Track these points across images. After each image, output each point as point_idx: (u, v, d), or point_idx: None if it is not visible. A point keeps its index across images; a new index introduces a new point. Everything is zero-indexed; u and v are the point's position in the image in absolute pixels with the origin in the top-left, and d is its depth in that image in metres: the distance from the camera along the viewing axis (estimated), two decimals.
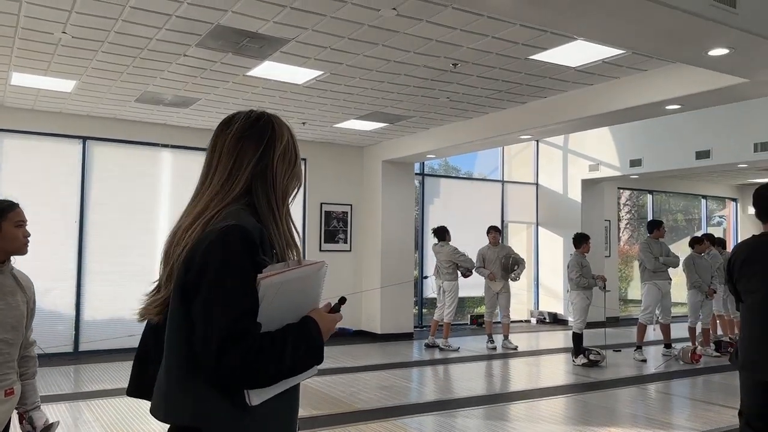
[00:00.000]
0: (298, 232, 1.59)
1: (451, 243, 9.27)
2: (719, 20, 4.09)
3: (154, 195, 9.11)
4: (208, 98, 7.55)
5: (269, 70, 6.34)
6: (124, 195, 8.86)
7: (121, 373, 7.24)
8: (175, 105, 7.90)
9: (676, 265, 8.85)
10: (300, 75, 6.51)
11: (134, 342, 7.65)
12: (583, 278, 8.20)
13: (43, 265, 7.88)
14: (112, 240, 8.73)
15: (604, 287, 8.40)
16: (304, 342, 1.39)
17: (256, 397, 1.39)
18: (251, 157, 1.54)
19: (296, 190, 1.63)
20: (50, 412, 3.77)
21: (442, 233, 9.34)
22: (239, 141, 1.55)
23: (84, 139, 8.67)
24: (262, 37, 5.40)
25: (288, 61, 6.08)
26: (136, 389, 1.62)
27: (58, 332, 8.34)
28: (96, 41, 5.56)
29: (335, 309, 1.55)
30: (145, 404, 1.54)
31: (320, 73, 6.45)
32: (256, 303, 1.35)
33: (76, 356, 8.28)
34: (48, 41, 5.57)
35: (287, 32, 5.29)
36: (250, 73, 6.46)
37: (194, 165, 9.38)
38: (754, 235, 3.39)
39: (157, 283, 1.57)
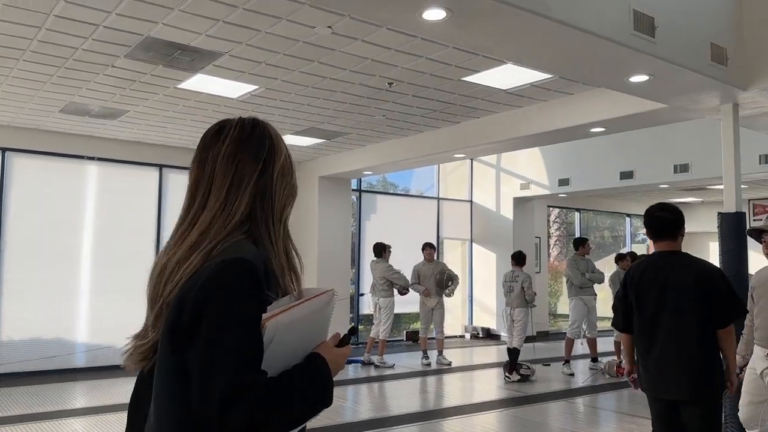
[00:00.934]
0: (298, 255, 1.39)
1: (388, 260, 9.31)
2: (639, 49, 4.30)
3: (78, 210, 8.74)
4: (137, 110, 7.34)
5: (202, 83, 6.23)
6: (47, 209, 8.47)
7: (40, 397, 6.86)
8: (102, 116, 7.64)
9: (601, 281, 9.17)
10: (234, 89, 6.42)
11: (55, 363, 7.27)
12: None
13: None
14: (33, 257, 8.30)
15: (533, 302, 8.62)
16: (313, 385, 1.22)
17: None
18: (251, 174, 1.33)
19: (292, 207, 1.44)
20: None
21: (379, 250, 9.37)
22: (235, 154, 1.33)
23: (3, 150, 8.25)
24: (194, 50, 5.30)
25: (221, 75, 5.99)
26: None
27: None
28: (18, 49, 5.33)
29: (345, 341, 1.35)
30: (62, 427, 1.43)
31: (255, 87, 6.38)
32: (261, 350, 1.16)
33: None
34: None
35: (220, 46, 5.22)
36: (182, 85, 6.32)
37: (122, 178, 9.10)
38: (648, 255, 3.51)
39: (143, 326, 1.33)
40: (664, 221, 3.36)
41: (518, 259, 8.60)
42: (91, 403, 6.78)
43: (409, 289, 9.30)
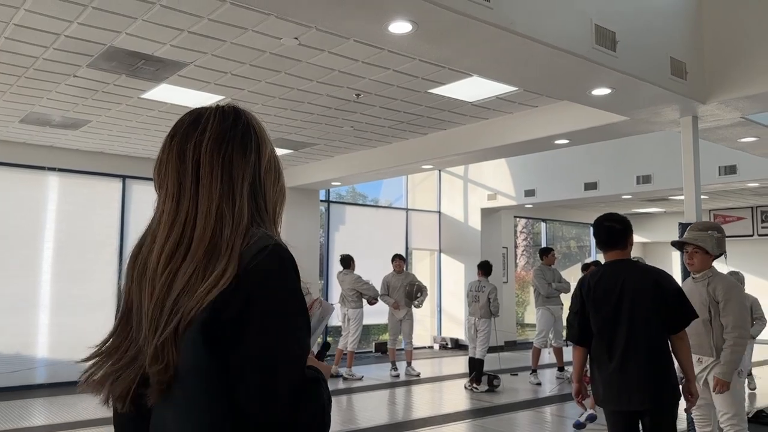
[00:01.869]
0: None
1: (355, 271, 9.28)
2: (601, 62, 4.39)
3: (38, 221, 8.52)
4: (99, 120, 7.20)
5: (166, 93, 6.15)
6: (6, 221, 8.23)
7: None
8: (63, 126, 7.48)
9: (567, 291, 9.27)
10: (199, 99, 6.35)
11: (15, 379, 7.03)
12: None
13: None
14: None
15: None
16: (329, 399, 1.13)
17: None
18: (243, 170, 1.15)
19: (283, 207, 1.25)
20: None
21: (347, 261, 9.35)
22: (221, 147, 1.14)
23: None
24: (158, 60, 5.23)
25: (186, 85, 5.93)
26: None
27: None
28: None
29: (320, 357, 1.29)
30: None
31: (221, 98, 6.33)
32: (309, 342, 1.09)
33: None
34: None
35: (185, 56, 5.16)
36: (145, 95, 6.24)
37: (84, 190, 8.91)
38: (600, 265, 3.57)
39: (125, 348, 1.12)
40: (613, 231, 3.41)
41: (485, 269, 8.66)
42: (52, 420, 6.59)
43: (378, 299, 9.28)
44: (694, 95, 5.20)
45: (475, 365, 8.39)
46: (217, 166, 1.13)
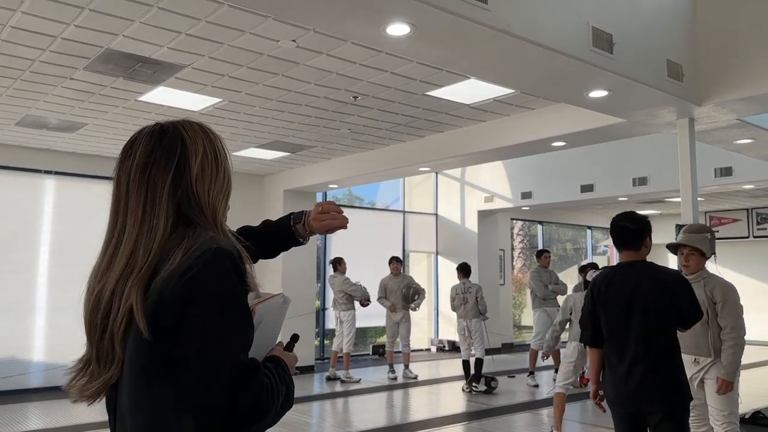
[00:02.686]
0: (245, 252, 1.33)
1: (345, 273, 9.27)
2: (598, 64, 4.40)
3: (34, 224, 8.49)
4: (96, 123, 7.19)
5: (163, 95, 6.14)
6: (1, 224, 8.20)
7: None
8: (60, 129, 7.46)
9: (564, 293, 9.28)
10: (196, 102, 6.35)
11: (10, 384, 7.00)
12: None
13: None
14: None
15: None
16: (285, 385, 1.26)
17: None
18: (163, 185, 1.27)
19: (226, 203, 1.37)
20: None
21: (335, 264, 9.39)
22: (144, 171, 1.28)
23: None
24: (155, 63, 5.23)
25: (183, 88, 5.92)
26: None
27: None
28: None
29: (289, 348, 1.41)
30: None
31: (218, 100, 6.33)
32: (252, 335, 1.21)
33: None
34: None
35: (183, 58, 5.16)
36: (143, 98, 6.23)
37: (80, 192, 8.88)
38: (612, 265, 3.56)
39: (84, 360, 1.29)
40: (626, 231, 3.36)
41: (466, 270, 8.74)
42: (48, 425, 6.56)
43: (370, 300, 9.28)
44: (690, 97, 5.22)
45: (476, 365, 8.40)
46: (141, 190, 1.27)
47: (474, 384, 8.28)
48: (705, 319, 3.83)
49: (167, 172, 1.29)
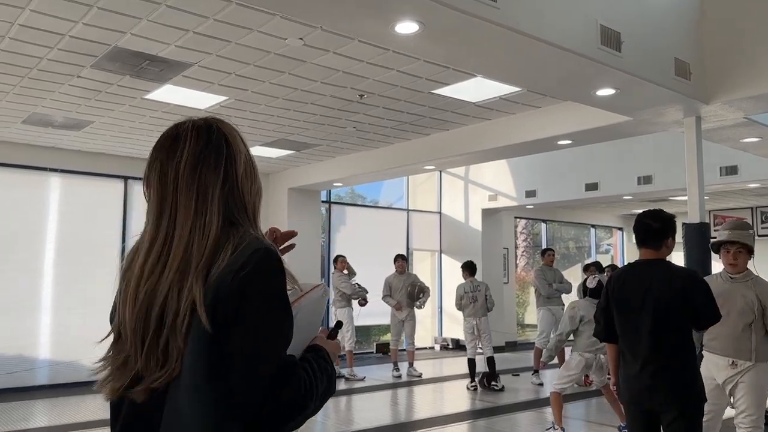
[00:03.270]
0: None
1: (342, 270, 9.26)
2: (606, 63, 4.40)
3: (40, 222, 8.51)
4: (102, 121, 7.20)
5: (170, 94, 6.15)
6: (8, 222, 8.22)
7: (1, 416, 6.64)
8: (66, 127, 7.48)
9: (568, 291, 9.28)
10: (203, 100, 6.36)
11: (17, 381, 7.00)
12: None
13: None
14: None
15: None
16: (325, 374, 1.30)
17: None
18: (215, 184, 1.28)
19: (260, 203, 1.40)
20: None
21: (334, 261, 9.42)
22: (195, 169, 1.28)
23: None
24: (162, 61, 5.24)
25: (190, 86, 5.93)
26: None
27: None
28: None
29: (332, 335, 1.45)
30: None
31: (224, 98, 6.33)
32: (292, 332, 1.24)
33: None
34: None
35: (190, 56, 5.17)
36: (149, 96, 6.24)
37: (86, 190, 8.90)
38: (630, 263, 3.53)
39: (117, 354, 1.26)
40: (649, 229, 3.31)
41: (472, 268, 8.75)
42: (54, 422, 6.58)
43: (367, 300, 9.27)
44: (697, 96, 5.22)
45: (490, 363, 8.38)
46: (193, 187, 1.27)
47: (493, 383, 8.26)
48: (749, 321, 3.73)
49: (218, 171, 1.30)
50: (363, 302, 9.25)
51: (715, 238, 4.05)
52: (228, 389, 1.16)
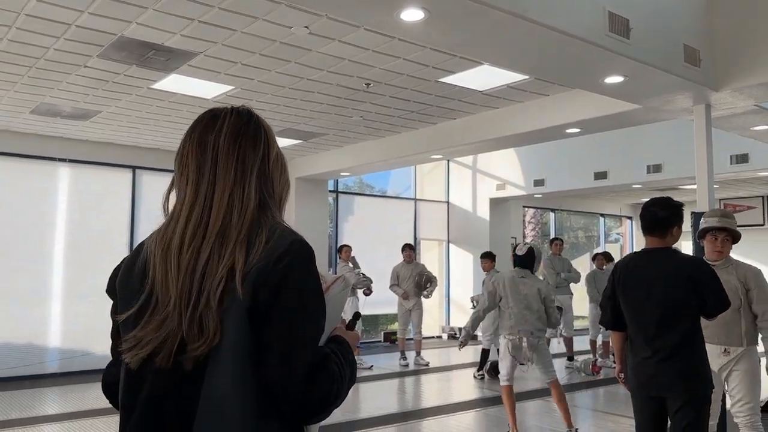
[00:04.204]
0: None
1: (347, 260, 9.24)
2: (614, 50, 4.35)
3: (50, 212, 8.56)
4: (109, 111, 7.22)
5: (176, 83, 6.15)
6: (17, 212, 8.27)
7: (12, 404, 6.71)
8: (73, 117, 7.50)
9: (577, 281, 9.25)
10: (209, 89, 6.35)
11: (28, 369, 7.05)
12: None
13: None
14: (4, 260, 8.10)
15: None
16: (348, 363, 1.31)
17: (315, 430, 1.33)
18: (254, 160, 1.32)
19: (287, 198, 1.43)
20: None
21: (339, 251, 9.40)
22: (236, 142, 1.31)
23: None
24: (168, 50, 5.23)
25: (196, 75, 5.92)
26: None
27: None
28: None
29: (350, 326, 1.47)
30: None
31: (231, 88, 6.32)
32: (324, 322, 1.27)
33: None
34: None
35: (196, 46, 5.16)
36: (156, 86, 6.24)
37: (94, 180, 8.94)
38: (636, 252, 3.51)
39: (153, 324, 1.22)
40: (655, 217, 3.29)
41: (493, 258, 8.68)
42: (65, 409, 6.65)
43: (372, 289, 9.25)
44: (707, 83, 5.15)
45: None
46: (232, 157, 1.30)
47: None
48: (736, 306, 3.72)
49: (257, 149, 1.33)
50: (368, 291, 9.25)
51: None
52: (269, 379, 1.18)
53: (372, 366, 9.24)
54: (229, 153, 1.29)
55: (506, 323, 5.32)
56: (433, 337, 12.81)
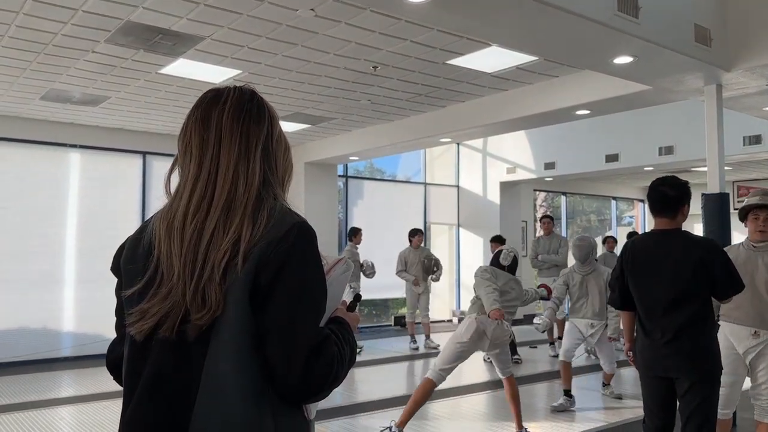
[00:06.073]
0: None
1: (357, 244, 9.19)
2: (623, 29, 4.30)
3: (61, 198, 8.64)
4: (118, 96, 7.24)
5: (183, 68, 6.16)
6: (29, 198, 8.35)
7: (27, 387, 6.82)
8: (83, 103, 7.54)
9: (560, 263, 9.05)
10: (216, 74, 6.35)
11: (42, 353, 7.15)
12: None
13: None
14: (16, 246, 8.20)
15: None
16: (348, 344, 1.31)
17: (313, 410, 1.35)
18: (258, 136, 1.32)
19: (290, 181, 1.45)
20: None
21: (352, 234, 9.32)
22: (239, 117, 1.31)
23: None
24: (175, 35, 5.23)
25: (203, 60, 5.92)
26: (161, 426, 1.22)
27: None
28: None
29: (351, 307, 1.47)
30: (50, 416, 1.38)
31: (238, 72, 6.32)
32: (325, 304, 1.28)
33: None
34: None
35: (202, 30, 5.15)
36: (163, 71, 6.25)
37: (105, 166, 9.00)
38: (646, 232, 3.47)
39: (155, 290, 1.24)
40: (665, 197, 3.24)
41: (503, 241, 8.63)
42: (79, 392, 6.75)
43: (374, 269, 9.11)
44: (718, 63, 5.08)
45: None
46: (236, 131, 1.30)
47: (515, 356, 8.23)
48: None
49: (261, 126, 1.34)
50: (369, 274, 9.13)
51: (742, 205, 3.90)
52: (269, 359, 1.19)
53: (362, 346, 9.03)
54: (233, 128, 1.30)
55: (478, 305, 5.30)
56: (443, 320, 12.85)
